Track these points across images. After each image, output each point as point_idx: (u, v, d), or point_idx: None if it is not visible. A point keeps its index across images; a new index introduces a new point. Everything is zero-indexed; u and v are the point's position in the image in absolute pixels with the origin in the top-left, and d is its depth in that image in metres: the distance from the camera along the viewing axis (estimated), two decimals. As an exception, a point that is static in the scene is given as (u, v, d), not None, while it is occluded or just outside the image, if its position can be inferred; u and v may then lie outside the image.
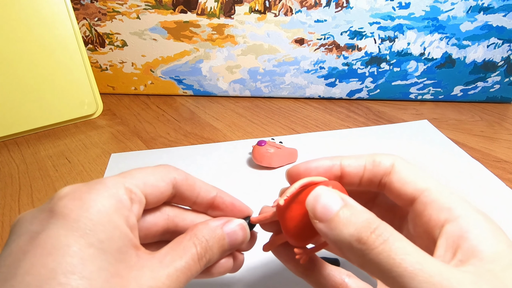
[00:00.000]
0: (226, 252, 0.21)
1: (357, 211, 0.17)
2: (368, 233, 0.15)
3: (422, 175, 0.19)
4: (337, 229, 0.16)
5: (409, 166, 0.20)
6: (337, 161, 0.21)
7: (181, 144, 0.52)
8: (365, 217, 0.16)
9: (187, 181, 0.21)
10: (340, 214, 0.17)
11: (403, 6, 0.58)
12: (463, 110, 0.63)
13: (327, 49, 0.63)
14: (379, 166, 0.20)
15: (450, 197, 0.18)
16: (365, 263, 0.16)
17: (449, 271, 0.14)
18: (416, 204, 0.19)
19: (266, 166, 0.44)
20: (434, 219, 0.17)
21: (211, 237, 0.20)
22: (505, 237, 0.16)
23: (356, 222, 0.16)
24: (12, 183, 0.43)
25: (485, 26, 0.59)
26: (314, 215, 0.17)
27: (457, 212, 0.17)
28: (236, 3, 0.60)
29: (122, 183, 0.18)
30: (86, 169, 0.46)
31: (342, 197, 0.17)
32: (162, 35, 0.64)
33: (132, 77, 0.69)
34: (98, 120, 0.61)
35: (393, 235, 0.15)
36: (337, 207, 0.17)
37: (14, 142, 0.54)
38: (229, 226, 0.21)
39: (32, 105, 0.54)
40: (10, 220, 0.37)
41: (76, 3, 0.62)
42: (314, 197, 0.18)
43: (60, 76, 0.55)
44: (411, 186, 0.19)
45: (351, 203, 0.17)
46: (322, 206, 0.17)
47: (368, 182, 0.21)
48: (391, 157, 0.21)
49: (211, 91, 0.69)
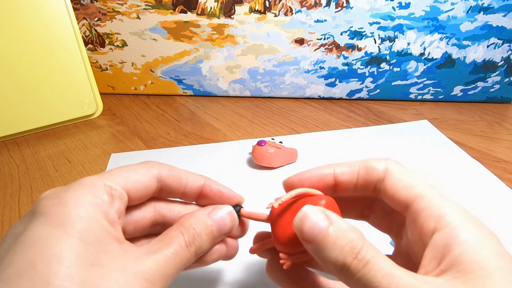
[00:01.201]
0: (216, 238, 0.21)
1: (342, 232, 0.17)
2: (351, 259, 0.16)
3: (414, 181, 0.19)
4: (323, 252, 0.17)
5: (402, 170, 0.20)
6: (330, 169, 0.21)
7: (181, 144, 0.52)
8: (350, 238, 0.16)
9: (171, 174, 0.22)
10: (325, 236, 0.17)
11: (403, 6, 0.58)
12: (463, 110, 0.63)
13: (327, 49, 0.63)
14: (373, 172, 0.20)
15: (441, 204, 0.18)
16: (349, 284, 0.16)
17: (423, 281, 0.15)
18: (410, 211, 0.19)
19: (266, 166, 0.44)
20: (425, 227, 0.17)
21: (198, 225, 0.20)
22: (493, 245, 0.16)
23: (341, 245, 0.16)
24: (12, 183, 0.43)
25: (485, 26, 0.59)
26: (301, 236, 0.18)
27: (446, 220, 0.17)
28: (236, 3, 0.60)
29: (101, 181, 0.18)
30: (86, 169, 0.46)
31: (328, 216, 0.17)
32: (162, 35, 0.64)
33: (132, 77, 0.69)
34: (98, 120, 0.61)
35: (374, 257, 0.16)
36: (322, 229, 0.17)
37: (14, 142, 0.54)
38: (216, 213, 0.21)
39: (32, 105, 0.54)
40: (10, 220, 0.37)
41: (76, 3, 0.62)
42: (300, 218, 0.18)
43: (60, 76, 0.55)
44: (404, 192, 0.19)
45: (337, 224, 0.17)
46: (308, 228, 0.17)
47: (362, 188, 0.21)
48: (384, 162, 0.20)
49: (211, 91, 0.69)
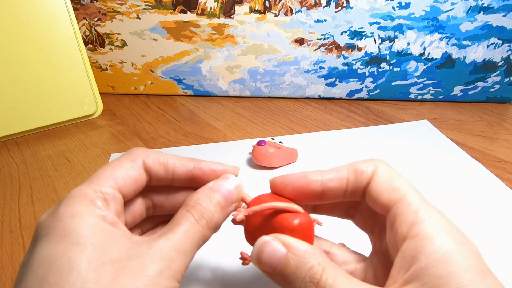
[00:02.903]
0: (226, 208, 0.20)
1: (301, 260, 0.17)
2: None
3: (398, 184, 0.19)
4: (285, 283, 0.17)
5: (387, 172, 0.19)
6: (318, 176, 0.20)
7: (181, 144, 0.52)
8: (309, 265, 0.17)
9: (158, 161, 0.21)
10: (284, 268, 0.17)
11: (403, 6, 0.58)
12: (463, 110, 0.63)
13: (327, 49, 0.63)
14: (362, 176, 0.20)
15: (419, 210, 0.17)
16: None
17: None
18: (389, 215, 0.18)
19: (266, 166, 0.44)
20: (399, 233, 0.17)
21: (202, 199, 0.20)
22: (464, 257, 0.15)
23: (301, 276, 0.16)
24: (12, 183, 0.43)
25: (485, 26, 0.59)
26: (262, 269, 0.18)
27: (418, 228, 0.16)
28: (236, 3, 0.60)
29: (90, 189, 0.18)
30: (86, 169, 0.46)
31: (286, 244, 0.17)
32: (162, 35, 0.64)
33: (132, 77, 0.69)
34: (98, 120, 0.61)
35: (334, 284, 0.16)
36: (281, 259, 0.17)
37: (14, 142, 0.54)
38: (218, 184, 0.21)
39: (32, 105, 0.54)
40: (10, 220, 0.37)
41: (76, 3, 0.62)
42: (257, 250, 0.18)
43: (60, 76, 0.55)
44: (386, 195, 0.18)
45: (294, 250, 0.17)
46: (267, 259, 0.17)
47: (352, 193, 0.20)
48: (372, 164, 0.20)
49: (211, 91, 0.69)
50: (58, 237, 0.16)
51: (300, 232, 0.19)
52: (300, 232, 0.19)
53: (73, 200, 0.17)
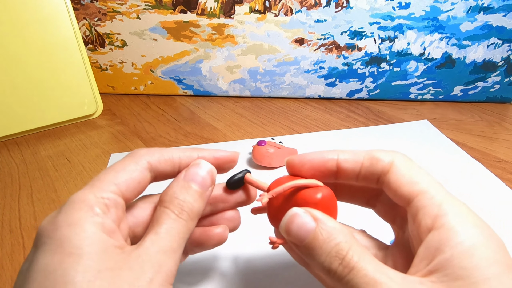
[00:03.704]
0: (203, 194, 0.20)
1: (329, 235, 0.17)
2: (337, 264, 0.16)
3: (419, 176, 0.19)
4: (310, 255, 0.17)
5: (408, 165, 0.19)
6: (334, 155, 0.21)
7: (181, 144, 0.52)
8: (336, 241, 0.17)
9: (163, 158, 0.21)
10: (312, 240, 0.17)
11: (403, 6, 0.58)
12: (463, 110, 0.63)
13: (327, 49, 0.63)
14: (377, 164, 0.20)
15: (443, 202, 0.17)
16: (336, 287, 0.17)
17: (404, 283, 0.15)
18: (411, 207, 0.18)
19: (266, 166, 0.44)
20: (423, 225, 0.17)
21: (178, 192, 0.20)
22: (491, 250, 0.15)
23: (327, 250, 0.17)
24: (12, 183, 0.43)
25: (485, 26, 0.59)
26: (289, 239, 0.18)
27: (443, 220, 0.16)
28: (236, 3, 0.60)
29: (91, 194, 0.18)
30: (86, 169, 0.46)
31: (315, 217, 0.17)
32: (162, 35, 0.64)
33: (132, 77, 0.69)
34: (98, 120, 0.60)
35: (359, 263, 0.16)
36: (310, 232, 0.17)
37: (14, 142, 0.54)
38: (189, 173, 0.20)
39: (32, 105, 0.54)
40: (10, 220, 0.37)
41: (76, 3, 0.62)
42: (287, 221, 0.18)
43: (60, 76, 0.55)
44: (407, 188, 0.18)
45: (323, 225, 0.17)
46: (296, 231, 0.17)
47: (365, 178, 0.20)
48: (390, 155, 0.20)
49: (211, 91, 0.69)
50: (54, 247, 0.16)
51: (324, 205, 0.19)
52: (324, 205, 0.19)
53: (73, 206, 0.17)
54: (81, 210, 0.17)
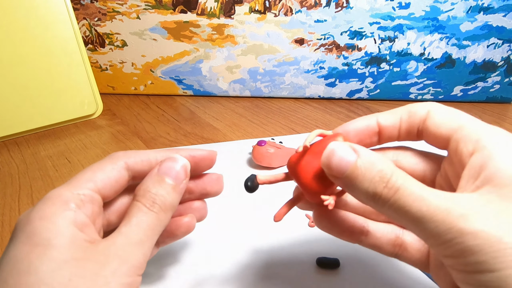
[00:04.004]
0: (178, 187, 0.21)
1: (371, 164, 0.17)
2: (382, 188, 0.16)
3: (456, 115, 0.19)
4: (354, 185, 0.17)
5: (444, 108, 0.20)
6: (374, 118, 0.21)
7: (181, 144, 0.52)
8: (379, 168, 0.16)
9: (140, 159, 0.22)
10: (354, 170, 0.17)
11: (403, 6, 0.58)
12: (463, 110, 0.62)
13: (327, 49, 0.63)
14: (415, 115, 0.20)
15: (481, 129, 0.17)
16: (382, 212, 0.17)
17: (454, 199, 0.15)
18: (451, 144, 0.18)
19: (266, 166, 0.44)
20: (464, 152, 0.17)
21: (151, 186, 0.20)
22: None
23: (370, 176, 0.16)
24: (12, 183, 0.43)
25: (485, 26, 0.59)
26: (330, 173, 0.18)
27: (484, 142, 0.17)
28: (236, 3, 0.60)
29: (67, 190, 0.19)
30: (86, 169, 0.46)
31: (355, 150, 0.17)
32: (162, 35, 0.64)
33: (132, 77, 0.69)
34: (98, 120, 0.61)
35: (404, 184, 0.16)
36: (351, 163, 0.17)
37: (14, 142, 0.54)
38: (162, 167, 0.21)
39: (32, 105, 0.54)
40: (10, 220, 0.37)
41: (76, 3, 0.62)
42: (327, 155, 0.18)
43: (60, 76, 0.55)
44: (445, 126, 0.19)
45: (364, 156, 0.17)
46: (337, 163, 0.17)
47: (406, 133, 0.21)
48: (426, 105, 0.20)
49: (211, 91, 0.69)
50: (24, 239, 0.17)
51: None
52: None
53: (47, 202, 0.18)
54: (54, 205, 0.18)
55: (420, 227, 0.15)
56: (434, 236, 0.15)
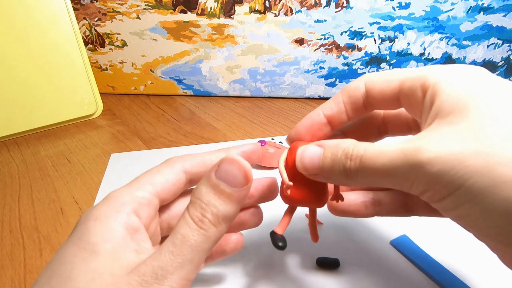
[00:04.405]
0: (236, 196, 0.17)
1: (335, 148, 0.18)
2: (348, 163, 0.17)
3: (391, 74, 0.20)
4: (330, 174, 0.19)
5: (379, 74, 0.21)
6: (318, 112, 0.23)
7: (181, 144, 0.52)
8: (342, 148, 0.18)
9: (195, 162, 0.22)
10: (324, 160, 0.19)
11: (403, 6, 0.58)
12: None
13: (327, 49, 0.63)
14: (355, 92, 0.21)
15: (423, 72, 0.18)
16: (360, 185, 0.18)
17: (408, 141, 0.16)
18: (402, 100, 0.20)
19: (266, 166, 0.44)
20: (417, 99, 0.18)
21: (202, 192, 0.17)
22: (474, 80, 0.16)
23: (337, 159, 0.18)
24: (12, 183, 0.43)
25: (485, 26, 0.59)
26: (309, 173, 0.19)
27: (429, 81, 0.17)
28: (236, 3, 0.60)
29: (127, 192, 0.19)
30: (86, 169, 0.46)
31: (319, 144, 0.19)
32: (162, 35, 0.64)
33: (132, 77, 0.69)
34: (98, 120, 0.60)
35: (366, 150, 0.17)
36: (319, 156, 0.19)
37: (14, 142, 0.54)
38: (218, 169, 0.18)
39: (32, 105, 0.54)
40: (10, 220, 0.37)
41: (76, 3, 0.62)
42: (299, 160, 0.19)
43: (60, 76, 0.55)
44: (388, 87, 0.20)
45: (327, 145, 0.19)
46: (310, 163, 0.19)
47: (354, 111, 0.22)
48: (361, 78, 0.21)
49: (211, 91, 0.69)
50: (75, 240, 0.17)
51: None
52: None
53: (105, 202, 0.18)
54: (111, 205, 0.18)
55: (391, 178, 0.16)
56: (405, 181, 0.16)
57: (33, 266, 0.31)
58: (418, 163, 0.15)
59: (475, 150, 0.14)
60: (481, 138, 0.14)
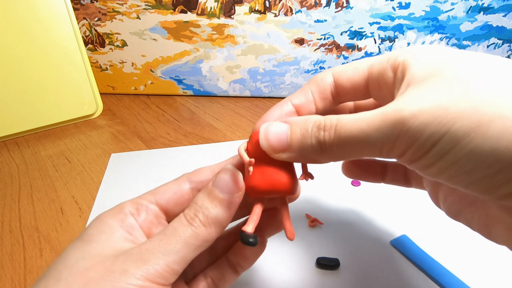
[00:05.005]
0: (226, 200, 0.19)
1: (304, 122, 0.18)
2: (322, 134, 0.17)
3: (358, 63, 0.20)
4: (300, 149, 0.18)
5: (345, 65, 0.21)
6: (286, 102, 0.22)
7: (181, 144, 0.52)
8: (312, 121, 0.17)
9: (199, 171, 0.22)
10: (292, 136, 0.18)
11: (403, 6, 0.58)
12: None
13: (327, 49, 0.63)
14: (322, 82, 0.21)
15: (392, 55, 0.18)
16: (335, 158, 0.17)
17: (385, 107, 0.16)
18: (371, 85, 0.20)
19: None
20: (388, 79, 0.18)
21: (199, 197, 0.19)
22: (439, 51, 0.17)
23: (308, 133, 0.17)
24: (12, 183, 0.43)
25: (485, 26, 0.59)
26: (275, 152, 0.19)
27: (398, 61, 0.18)
28: (236, 3, 0.60)
29: (132, 201, 0.21)
30: (86, 169, 0.46)
31: (285, 121, 0.19)
32: (162, 35, 0.64)
33: (132, 77, 0.69)
34: (98, 120, 0.61)
35: (339, 119, 0.17)
36: (287, 132, 0.18)
37: (14, 142, 0.54)
38: (215, 178, 0.20)
39: (32, 105, 0.54)
40: (10, 220, 0.37)
41: (76, 3, 0.62)
42: (263, 137, 0.19)
43: (60, 76, 0.55)
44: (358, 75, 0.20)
45: (295, 120, 0.18)
46: (275, 139, 0.18)
47: (322, 101, 0.22)
48: (328, 71, 0.21)
49: (211, 91, 0.69)
50: (80, 236, 0.19)
51: None
52: None
53: (111, 208, 0.20)
54: (114, 209, 0.20)
55: (370, 144, 0.16)
56: (385, 143, 0.15)
57: (33, 266, 0.31)
58: (400, 119, 0.15)
59: (457, 98, 0.14)
60: (461, 90, 0.14)
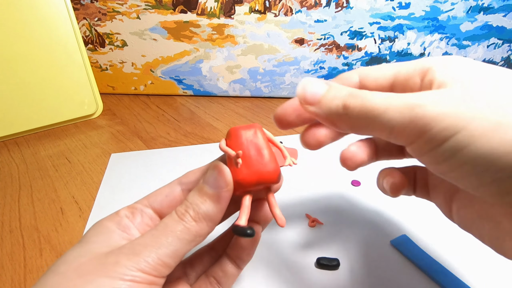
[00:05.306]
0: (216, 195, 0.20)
1: (340, 88, 0.19)
2: (350, 98, 0.18)
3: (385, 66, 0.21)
4: (325, 107, 0.19)
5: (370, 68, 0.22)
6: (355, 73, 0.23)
7: (181, 144, 0.52)
8: (346, 90, 0.19)
9: (190, 173, 0.22)
10: (327, 95, 0.19)
11: (403, 6, 0.58)
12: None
13: (327, 49, 0.63)
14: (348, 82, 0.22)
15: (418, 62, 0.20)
16: (354, 124, 0.18)
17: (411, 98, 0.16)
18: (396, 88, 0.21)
19: (266, 166, 0.44)
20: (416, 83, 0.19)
21: (190, 194, 0.20)
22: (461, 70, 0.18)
23: (340, 95, 0.19)
24: (12, 183, 0.43)
25: (485, 26, 0.59)
26: (305, 101, 0.20)
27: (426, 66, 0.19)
28: (236, 3, 0.60)
29: (126, 206, 0.21)
30: (86, 169, 0.46)
31: (325, 82, 0.20)
32: (162, 35, 0.64)
33: (132, 77, 0.69)
34: (98, 120, 0.60)
35: (368, 92, 0.18)
36: (322, 90, 0.19)
37: (14, 142, 0.54)
38: (205, 175, 0.20)
39: (32, 105, 0.54)
40: (10, 220, 0.37)
41: (76, 3, 0.62)
42: (302, 87, 0.20)
43: (60, 76, 0.55)
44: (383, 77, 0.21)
45: (333, 84, 0.20)
46: (310, 93, 0.20)
47: None
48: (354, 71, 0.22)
49: (211, 91, 0.69)
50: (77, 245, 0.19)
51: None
52: None
53: (111, 214, 0.21)
54: (111, 215, 0.21)
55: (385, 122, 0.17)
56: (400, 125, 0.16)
57: (33, 266, 0.31)
58: (418, 104, 0.16)
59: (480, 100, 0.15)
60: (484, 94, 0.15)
